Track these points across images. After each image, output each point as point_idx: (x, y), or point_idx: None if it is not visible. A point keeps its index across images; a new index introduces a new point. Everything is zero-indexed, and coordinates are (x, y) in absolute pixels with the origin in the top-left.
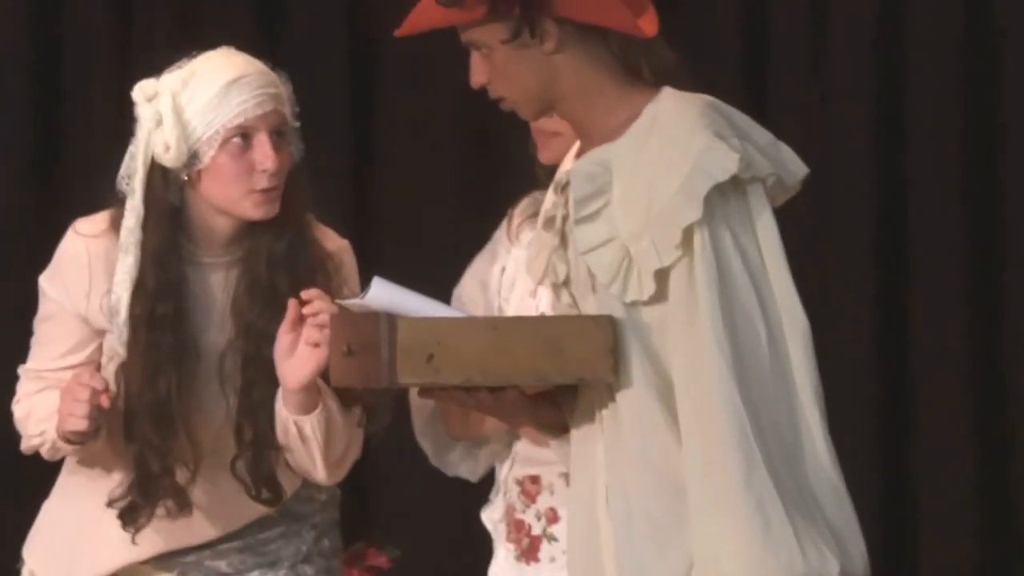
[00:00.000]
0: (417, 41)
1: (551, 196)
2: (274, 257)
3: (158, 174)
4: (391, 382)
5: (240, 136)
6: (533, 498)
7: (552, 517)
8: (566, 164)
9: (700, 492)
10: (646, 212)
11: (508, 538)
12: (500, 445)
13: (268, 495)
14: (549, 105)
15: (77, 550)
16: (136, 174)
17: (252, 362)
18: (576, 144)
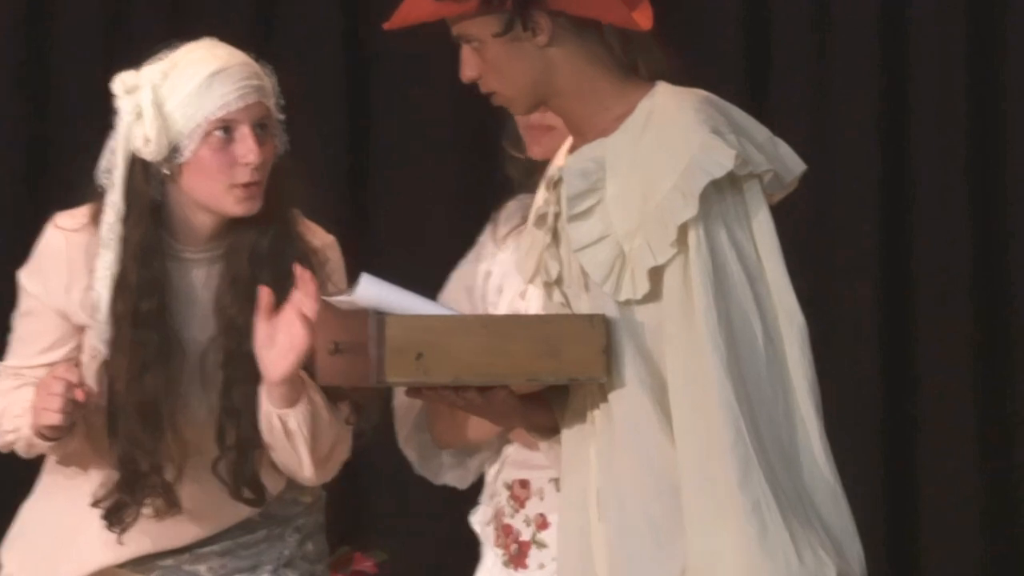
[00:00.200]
0: (413, 35)
1: (543, 193)
2: (257, 253)
3: (138, 168)
4: (379, 381)
5: (222, 129)
6: (522, 503)
7: (541, 523)
8: (558, 160)
9: (695, 495)
10: (640, 209)
11: (496, 543)
12: (490, 450)
13: (250, 495)
14: (542, 100)
15: (55, 552)
16: (116, 168)
17: (233, 359)
18: (568, 140)
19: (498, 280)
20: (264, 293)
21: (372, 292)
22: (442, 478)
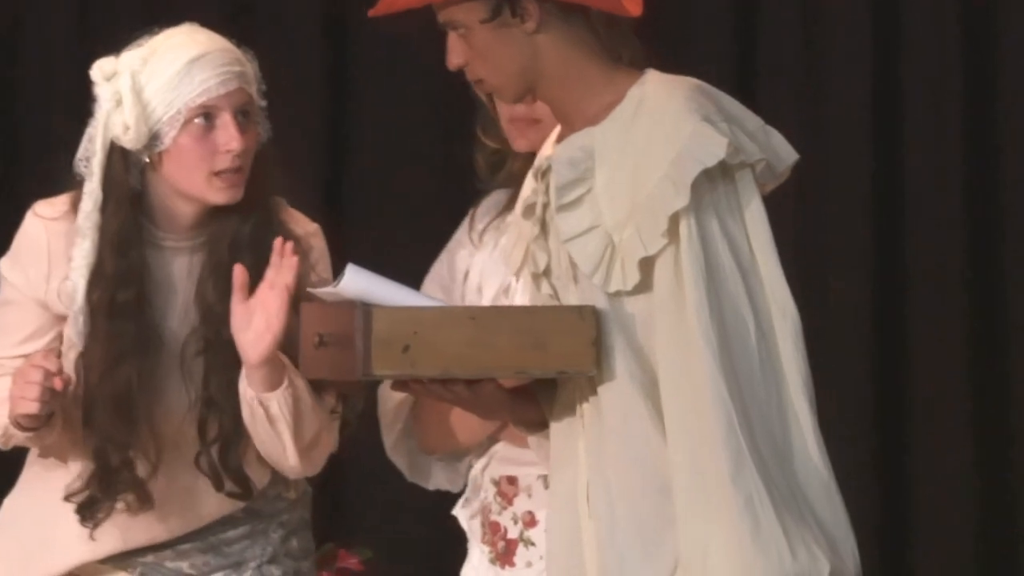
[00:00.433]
0: (395, 20)
1: (530, 182)
2: (238, 240)
3: (118, 156)
4: (366, 374)
5: (203, 116)
6: (510, 500)
7: (530, 521)
8: (546, 150)
9: (686, 490)
10: (631, 199)
11: (483, 540)
12: (479, 449)
13: (234, 488)
14: (529, 88)
15: (33, 547)
16: (95, 156)
17: (213, 348)
18: (556, 128)
19: (477, 279)
20: (238, 271)
21: (358, 283)
22: (433, 483)
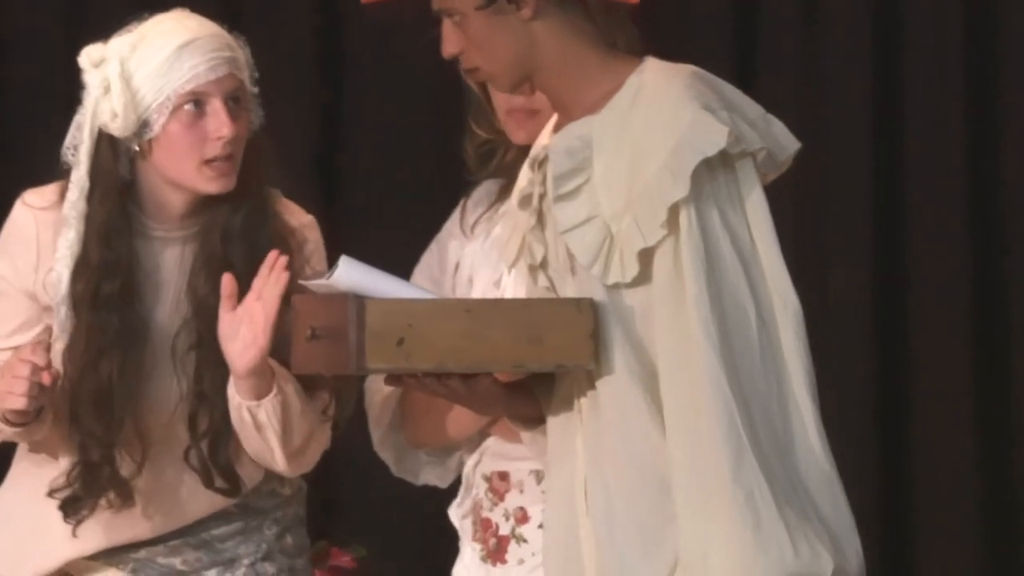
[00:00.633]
0: (387, 8)
1: (526, 173)
2: (230, 231)
3: (106, 144)
4: (359, 368)
5: (193, 103)
6: (501, 496)
7: (522, 517)
8: (543, 139)
9: (686, 486)
10: (629, 189)
11: (474, 537)
12: (469, 444)
13: (223, 485)
14: (526, 76)
15: (23, 544)
16: (82, 144)
17: (205, 342)
18: (553, 119)
19: (467, 272)
20: (227, 281)
21: (351, 275)
22: (422, 478)
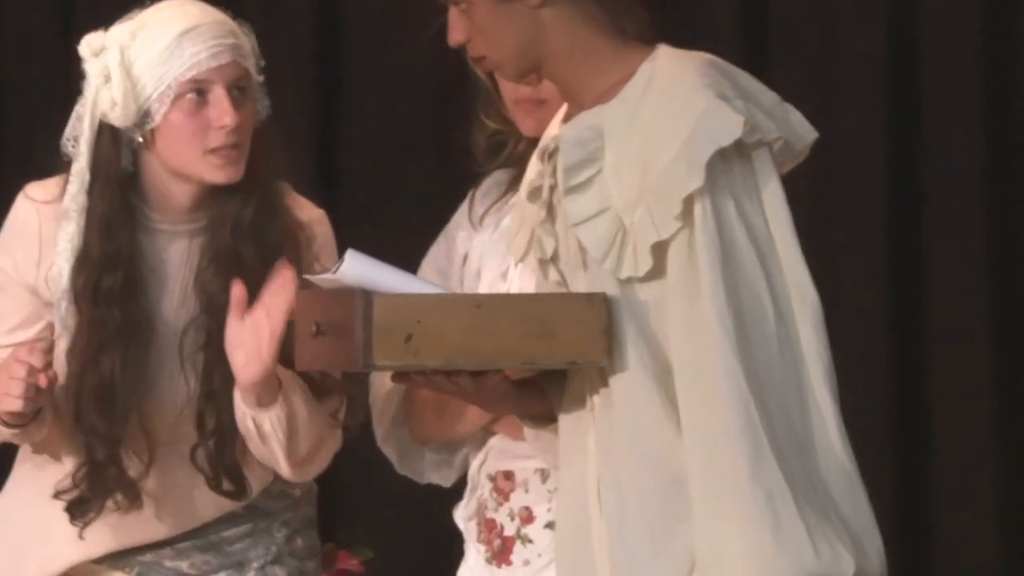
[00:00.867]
0: None
1: (536, 164)
2: (240, 225)
3: (107, 135)
4: (366, 365)
5: (195, 91)
6: (506, 496)
7: (527, 517)
8: (552, 129)
9: (703, 485)
10: (641, 180)
11: (479, 539)
12: (473, 443)
13: (230, 487)
14: (534, 65)
15: (26, 547)
16: (83, 135)
17: (214, 340)
18: (563, 109)
19: (476, 263)
20: (238, 289)
21: (358, 269)
22: (425, 476)
